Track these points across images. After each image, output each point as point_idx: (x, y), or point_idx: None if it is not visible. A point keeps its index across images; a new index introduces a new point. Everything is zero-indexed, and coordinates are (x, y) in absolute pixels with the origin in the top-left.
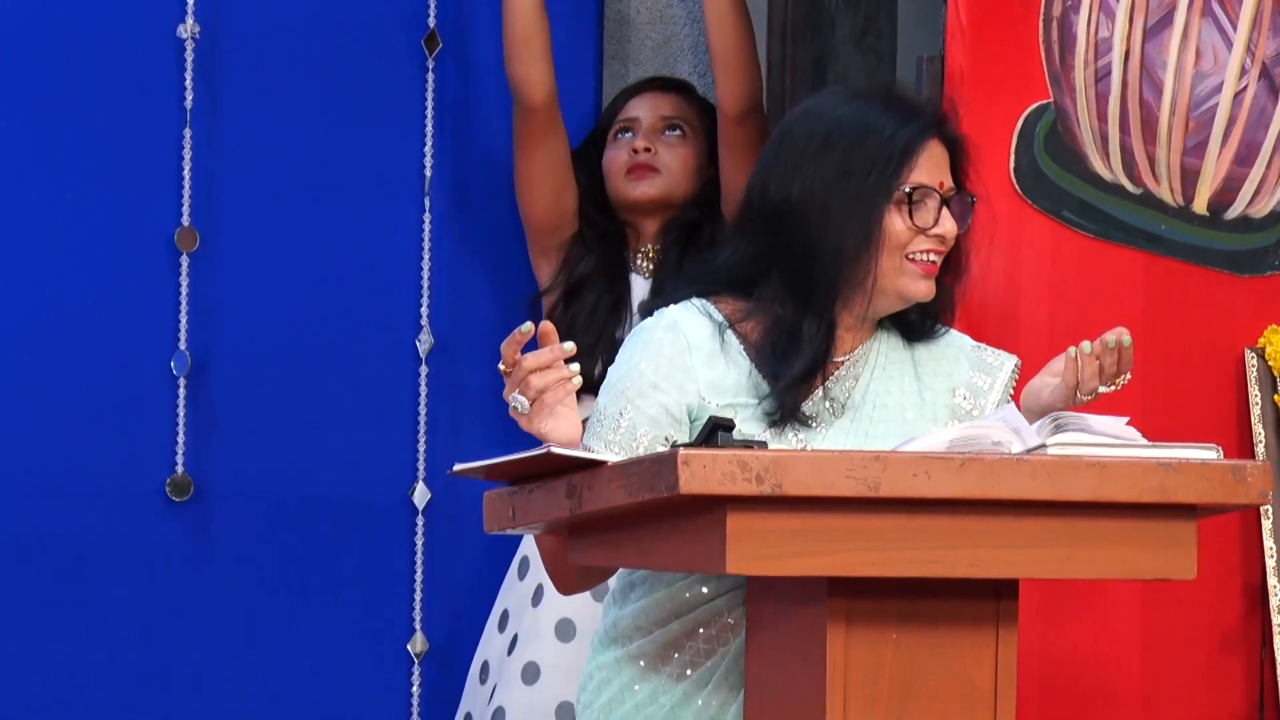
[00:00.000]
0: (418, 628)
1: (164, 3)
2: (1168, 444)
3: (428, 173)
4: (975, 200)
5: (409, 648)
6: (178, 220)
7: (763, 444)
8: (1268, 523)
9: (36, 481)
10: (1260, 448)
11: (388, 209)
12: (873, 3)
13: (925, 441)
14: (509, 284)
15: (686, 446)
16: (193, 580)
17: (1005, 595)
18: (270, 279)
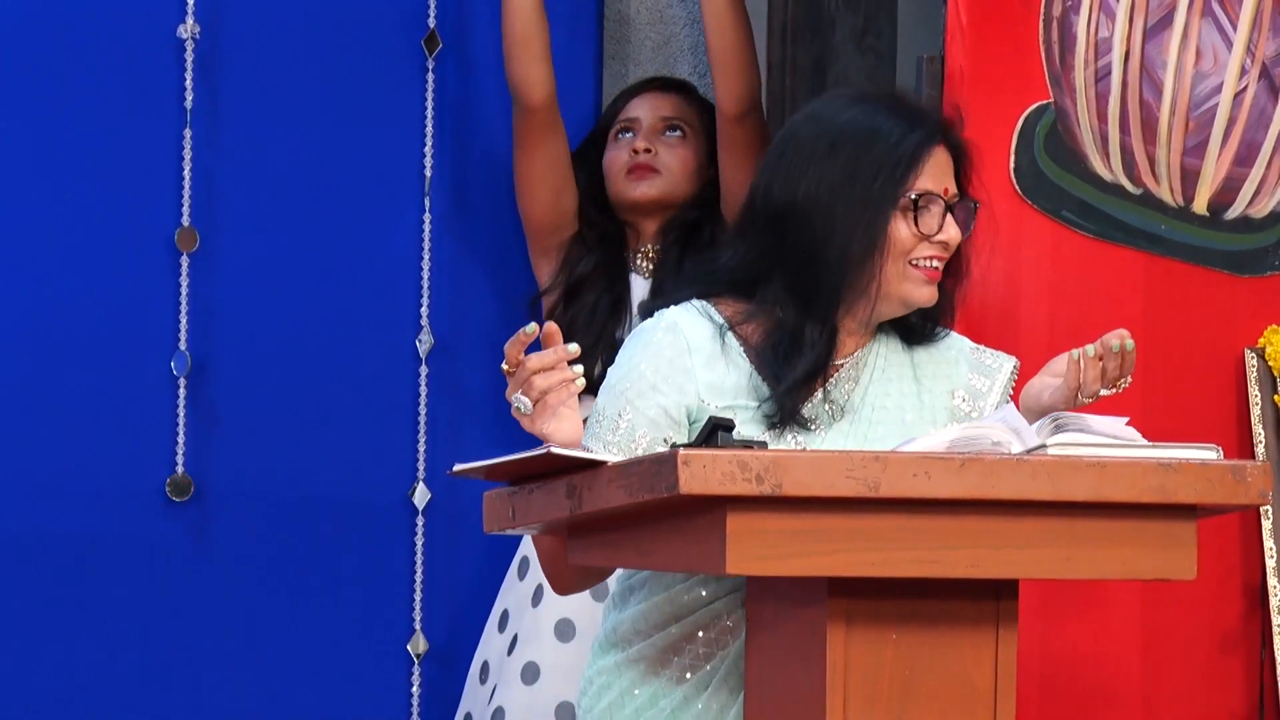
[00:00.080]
0: (418, 628)
1: (164, 3)
2: (1168, 444)
3: (428, 173)
4: (978, 206)
5: (409, 648)
6: (178, 220)
7: (763, 444)
8: (1268, 523)
9: (36, 481)
10: (1260, 448)
11: (388, 209)
12: (873, 3)
13: (925, 442)
14: (509, 284)
15: (686, 447)
16: (193, 580)
17: (1005, 595)
18: (270, 279)
